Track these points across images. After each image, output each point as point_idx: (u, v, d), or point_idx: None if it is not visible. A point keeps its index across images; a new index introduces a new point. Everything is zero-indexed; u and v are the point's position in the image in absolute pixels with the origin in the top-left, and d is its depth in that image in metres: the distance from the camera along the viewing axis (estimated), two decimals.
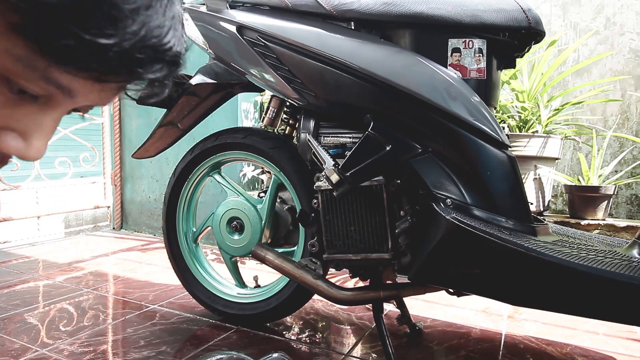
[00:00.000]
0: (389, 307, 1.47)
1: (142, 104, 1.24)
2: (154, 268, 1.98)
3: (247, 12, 1.09)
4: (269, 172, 2.33)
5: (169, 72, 0.34)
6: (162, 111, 1.31)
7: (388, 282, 1.14)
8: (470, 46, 0.97)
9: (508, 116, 2.01)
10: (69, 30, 0.28)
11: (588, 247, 0.96)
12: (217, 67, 1.22)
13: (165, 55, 0.33)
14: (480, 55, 0.97)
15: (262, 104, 2.53)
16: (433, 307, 1.51)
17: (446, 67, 0.97)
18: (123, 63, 0.30)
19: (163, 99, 1.25)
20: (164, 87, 0.36)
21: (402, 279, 1.12)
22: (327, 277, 1.13)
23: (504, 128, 1.88)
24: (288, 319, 1.38)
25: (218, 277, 1.41)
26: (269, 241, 1.26)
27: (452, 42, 0.97)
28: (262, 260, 1.18)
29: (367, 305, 1.45)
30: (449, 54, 0.97)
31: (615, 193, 1.88)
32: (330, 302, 1.31)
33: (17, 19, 0.27)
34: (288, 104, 1.19)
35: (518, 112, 2.00)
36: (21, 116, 0.33)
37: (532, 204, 1.87)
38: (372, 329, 1.30)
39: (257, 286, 1.36)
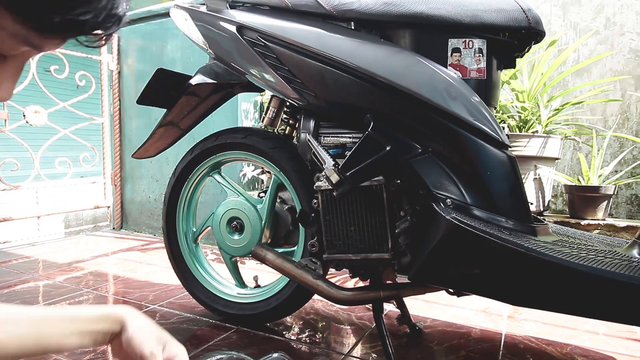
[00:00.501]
0: (389, 307, 1.47)
1: (142, 104, 1.24)
2: (154, 268, 1.98)
3: (247, 12, 1.09)
4: (269, 172, 2.33)
5: (118, 27, 0.41)
6: (162, 111, 1.31)
7: (388, 282, 1.14)
8: (470, 46, 0.97)
9: (508, 116, 2.01)
10: (55, 11, 0.34)
11: (588, 247, 0.96)
12: (217, 67, 1.22)
13: (119, 17, 0.40)
14: (480, 55, 0.97)
15: (262, 104, 2.53)
16: (433, 307, 1.51)
17: (446, 67, 0.97)
18: (90, 27, 0.38)
19: (162, 99, 1.25)
20: (106, 39, 0.42)
21: (402, 279, 1.12)
22: (327, 277, 1.14)
23: (504, 128, 1.88)
24: (288, 319, 1.38)
25: (218, 277, 1.41)
26: (269, 241, 1.26)
27: (452, 42, 0.97)
28: (262, 260, 1.18)
29: (367, 305, 1.45)
30: (449, 54, 0.97)
31: (615, 193, 1.88)
32: (330, 302, 1.31)
33: None
34: (288, 104, 1.19)
35: (518, 112, 2.00)
36: None
37: (532, 204, 1.87)
38: (372, 329, 1.30)
39: (257, 286, 1.36)
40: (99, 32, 0.40)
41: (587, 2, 2.23)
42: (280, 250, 1.24)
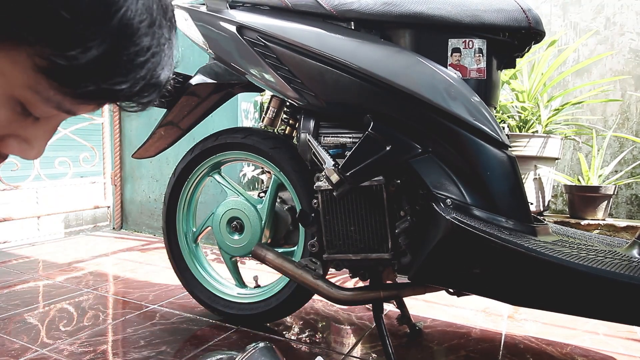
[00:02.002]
0: (389, 307, 1.47)
1: None
2: (154, 268, 1.98)
3: (247, 12, 1.09)
4: (269, 172, 2.33)
5: (158, 95, 0.40)
6: (162, 111, 1.31)
7: (388, 282, 1.14)
8: (470, 46, 0.97)
9: (508, 116, 2.01)
10: (91, 80, 0.34)
11: (588, 247, 0.96)
12: (217, 67, 1.22)
13: (159, 87, 0.39)
14: (480, 55, 0.97)
15: (262, 104, 2.53)
16: (433, 307, 1.51)
17: (446, 67, 0.97)
18: (131, 96, 0.37)
19: (162, 101, 1.25)
20: (148, 105, 0.41)
21: (402, 279, 1.12)
22: (327, 277, 1.14)
23: (504, 128, 1.88)
24: (288, 319, 1.38)
25: (218, 277, 1.41)
26: (269, 241, 1.26)
27: (452, 42, 0.97)
28: (262, 260, 1.18)
29: (367, 305, 1.45)
30: (449, 54, 0.97)
31: (615, 193, 1.88)
32: (330, 302, 1.31)
33: (45, 64, 0.32)
34: (288, 104, 1.19)
35: (518, 112, 2.00)
36: (26, 127, 0.38)
37: (532, 204, 1.87)
38: (372, 329, 1.30)
39: (257, 286, 1.36)
40: (143, 100, 0.39)
41: (587, 2, 2.23)
42: (280, 250, 1.24)
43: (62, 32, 0.31)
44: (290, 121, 1.23)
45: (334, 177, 0.96)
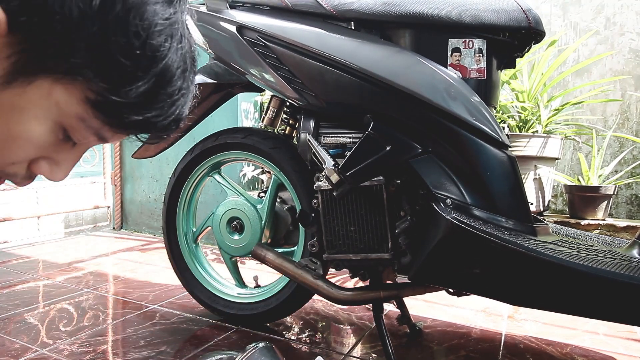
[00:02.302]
0: (389, 307, 1.47)
1: None
2: (154, 268, 1.98)
3: (247, 12, 1.09)
4: (269, 172, 2.33)
5: (172, 132, 0.46)
6: None
7: (388, 282, 1.14)
8: (470, 46, 0.97)
9: (508, 116, 2.01)
10: (134, 113, 0.39)
11: (588, 247, 0.96)
12: (217, 67, 1.22)
13: (181, 120, 0.45)
14: (480, 55, 0.97)
15: (262, 104, 2.53)
16: (433, 307, 1.51)
17: (446, 67, 0.97)
18: (157, 129, 0.43)
19: None
20: (166, 137, 0.48)
21: (402, 279, 1.12)
22: (327, 277, 1.13)
23: (504, 128, 1.88)
24: (288, 319, 1.38)
25: (218, 277, 1.41)
26: (269, 241, 1.26)
27: (452, 42, 0.97)
28: (262, 260, 1.18)
29: (367, 305, 1.45)
30: (449, 54, 0.97)
31: (615, 193, 1.88)
32: (330, 302, 1.31)
33: (96, 97, 0.37)
34: (288, 104, 1.19)
35: (518, 112, 2.00)
36: (60, 151, 0.43)
37: (532, 204, 1.87)
38: (372, 329, 1.30)
39: (257, 286, 1.36)
40: (164, 133, 0.45)
41: (587, 2, 2.23)
42: (280, 250, 1.24)
43: (117, 72, 0.37)
44: (290, 121, 1.23)
45: (334, 177, 0.96)
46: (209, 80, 1.21)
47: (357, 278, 1.12)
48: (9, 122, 0.37)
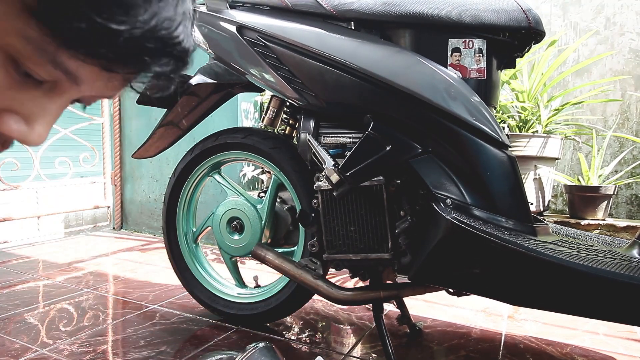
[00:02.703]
0: (389, 307, 1.47)
1: (142, 104, 1.24)
2: (154, 268, 1.98)
3: (247, 12, 1.09)
4: (269, 172, 2.33)
5: (176, 67, 0.34)
6: (162, 111, 1.31)
7: (388, 282, 1.14)
8: (470, 46, 0.97)
9: (508, 116, 2.01)
10: (82, 14, 0.28)
11: (588, 247, 0.96)
12: (217, 67, 1.22)
13: (174, 48, 0.33)
14: (480, 55, 0.97)
15: (262, 104, 2.53)
16: (433, 307, 1.51)
17: (446, 67, 0.97)
18: (132, 51, 0.30)
19: (166, 98, 1.25)
20: (169, 82, 0.36)
21: (402, 279, 1.12)
22: (327, 277, 1.13)
23: (504, 128, 1.88)
24: (288, 319, 1.38)
25: (218, 277, 1.41)
26: (269, 241, 1.26)
27: (452, 42, 0.97)
28: (262, 260, 1.18)
29: (367, 305, 1.45)
30: (449, 54, 0.97)
31: (615, 193, 1.88)
32: (330, 302, 1.31)
33: (32, 1, 0.28)
34: (288, 104, 1.19)
35: (518, 112, 2.00)
36: (25, 100, 0.33)
37: (532, 204, 1.87)
38: (372, 329, 1.30)
39: (257, 286, 1.36)
40: (157, 68, 0.33)
41: (587, 2, 2.23)
42: (280, 250, 1.24)
43: None
44: (290, 121, 1.23)
45: (334, 177, 0.96)
46: (209, 80, 1.21)
47: (357, 278, 1.12)
48: None
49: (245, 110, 2.47)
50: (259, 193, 1.32)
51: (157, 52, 0.31)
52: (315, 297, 1.28)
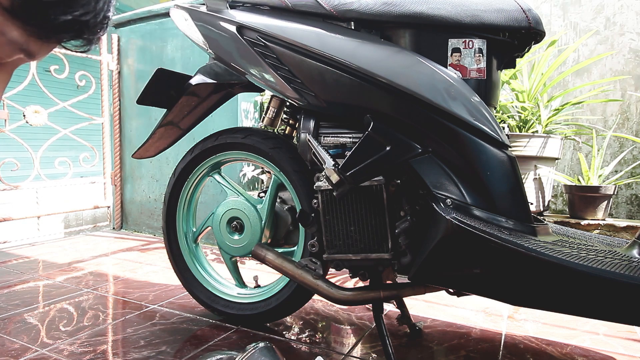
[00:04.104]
0: (389, 307, 1.47)
1: (142, 104, 1.24)
2: (154, 268, 1.98)
3: (247, 12, 1.09)
4: (269, 172, 2.33)
5: (104, 32, 0.45)
6: (162, 111, 1.31)
7: (388, 282, 1.14)
8: (470, 46, 0.97)
9: (508, 116, 2.01)
10: (57, 13, 0.37)
11: (588, 247, 0.96)
12: (217, 67, 1.22)
13: (106, 21, 0.43)
14: (480, 55, 0.97)
15: (262, 104, 2.53)
16: (433, 307, 1.51)
17: (446, 67, 0.97)
18: (76, 31, 0.41)
19: (165, 99, 1.25)
20: (91, 44, 0.46)
21: (402, 279, 1.12)
22: (327, 277, 1.13)
23: (504, 128, 1.88)
24: (288, 319, 1.38)
25: (218, 277, 1.41)
26: (269, 241, 1.26)
27: (452, 42, 0.97)
28: (262, 260, 1.18)
29: (367, 305, 1.45)
30: (449, 54, 0.97)
31: (615, 193, 1.88)
32: (330, 302, 1.31)
33: (9, 3, 0.35)
34: (288, 104, 1.19)
35: (518, 112, 2.00)
36: None
37: (532, 204, 1.87)
38: (372, 329, 1.30)
39: (257, 286, 1.36)
40: (92, 36, 0.43)
41: (587, 2, 2.23)
42: (280, 250, 1.24)
43: None
44: (290, 121, 1.23)
45: (334, 177, 0.96)
46: (209, 80, 1.21)
47: (357, 278, 1.13)
48: None
49: (245, 110, 2.47)
50: (259, 193, 1.32)
51: (98, 28, 0.42)
52: (315, 297, 1.28)
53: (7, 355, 1.10)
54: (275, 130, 1.32)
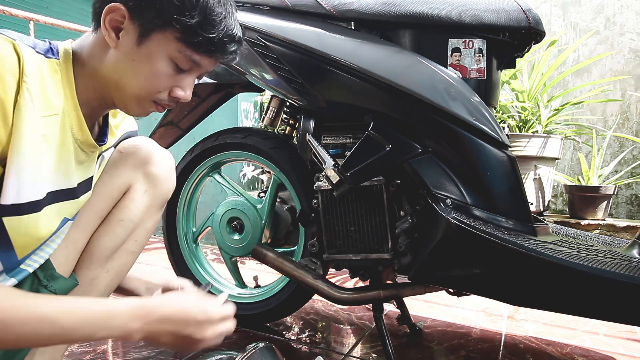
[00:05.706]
0: (389, 307, 1.47)
1: None
2: (154, 268, 1.97)
3: (247, 12, 1.09)
4: (269, 172, 2.33)
5: (239, 47, 0.71)
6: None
7: (388, 282, 1.14)
8: (470, 46, 0.97)
9: (508, 116, 2.01)
10: (204, 33, 0.64)
11: (588, 247, 0.96)
12: (217, 67, 1.22)
13: (236, 38, 0.69)
14: (480, 55, 0.97)
15: (262, 104, 2.53)
16: (433, 307, 1.51)
17: (446, 67, 0.97)
18: (221, 46, 0.67)
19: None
20: (236, 55, 0.72)
21: (402, 279, 1.12)
22: (327, 277, 1.13)
23: (504, 128, 1.88)
24: (288, 319, 1.38)
25: (218, 277, 1.41)
26: (269, 241, 1.26)
27: (452, 42, 0.97)
28: (262, 260, 1.18)
29: (367, 305, 1.45)
30: (449, 54, 0.97)
31: (615, 193, 1.88)
32: (330, 302, 1.31)
33: (179, 35, 0.64)
34: (288, 104, 1.19)
35: (518, 112, 2.01)
36: (181, 79, 0.69)
37: (532, 204, 1.87)
38: (372, 329, 1.30)
39: (257, 286, 1.36)
40: (232, 49, 0.69)
41: (587, 2, 2.23)
42: (280, 250, 1.24)
43: (184, 20, 0.63)
44: (290, 121, 1.23)
45: (334, 177, 0.96)
46: (209, 80, 1.21)
47: (357, 278, 1.12)
48: (150, 64, 0.65)
49: (245, 110, 2.47)
50: (259, 193, 1.32)
51: (231, 43, 0.68)
52: (315, 297, 1.28)
53: None
54: (275, 130, 1.32)
